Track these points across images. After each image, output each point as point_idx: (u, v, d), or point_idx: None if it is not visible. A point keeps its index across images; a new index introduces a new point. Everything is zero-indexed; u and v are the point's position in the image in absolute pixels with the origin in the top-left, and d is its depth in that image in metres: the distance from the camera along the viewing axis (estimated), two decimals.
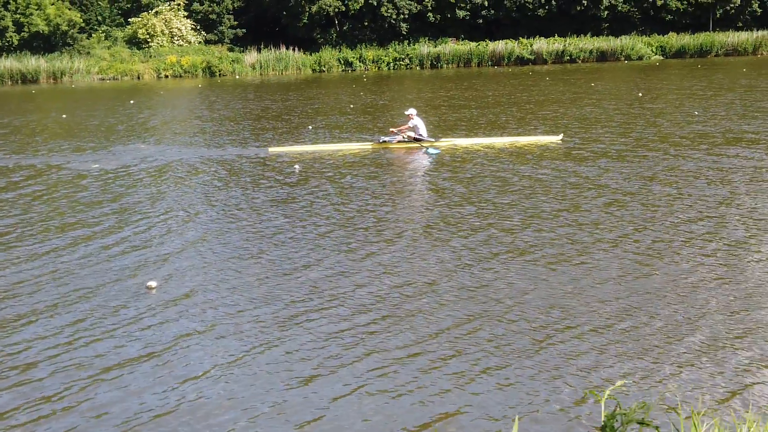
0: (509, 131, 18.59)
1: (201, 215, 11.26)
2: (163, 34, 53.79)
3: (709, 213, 10.23)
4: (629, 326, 6.69)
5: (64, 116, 26.36)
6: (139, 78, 50.05)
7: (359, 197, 11.98)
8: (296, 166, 14.66)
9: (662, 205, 10.78)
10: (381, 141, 17.03)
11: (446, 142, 16.91)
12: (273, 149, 16.92)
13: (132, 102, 31.21)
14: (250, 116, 24.93)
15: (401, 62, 52.90)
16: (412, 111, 17.16)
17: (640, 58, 51.44)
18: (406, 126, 17.01)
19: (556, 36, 53.45)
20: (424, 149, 16.34)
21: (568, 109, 23.22)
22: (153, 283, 7.93)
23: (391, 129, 17.50)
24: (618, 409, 2.56)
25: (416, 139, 16.84)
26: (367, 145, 17.13)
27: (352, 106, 26.85)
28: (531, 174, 13.26)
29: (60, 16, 51.51)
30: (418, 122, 16.98)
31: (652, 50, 52.14)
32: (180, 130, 21.75)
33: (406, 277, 8.10)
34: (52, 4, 52.03)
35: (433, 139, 16.98)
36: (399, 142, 16.88)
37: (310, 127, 20.96)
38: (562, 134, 17.12)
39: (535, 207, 10.90)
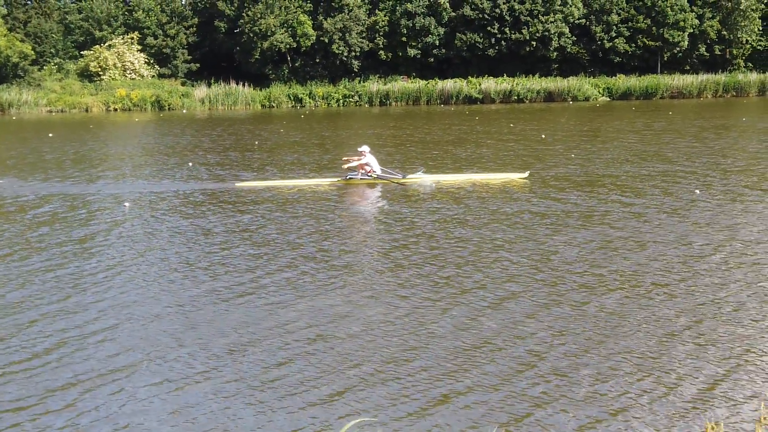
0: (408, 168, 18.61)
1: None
2: (116, 67, 54.03)
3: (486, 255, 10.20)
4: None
5: None
6: (87, 111, 50.14)
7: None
8: (126, 204, 14.61)
9: (458, 247, 10.75)
10: (347, 177, 16.94)
11: (413, 178, 16.89)
12: (240, 184, 16.87)
13: (51, 135, 31.17)
14: (153, 151, 24.95)
15: (350, 99, 53.21)
16: (365, 148, 17.11)
17: (587, 99, 51.97)
18: (357, 159, 16.94)
19: (505, 76, 54.04)
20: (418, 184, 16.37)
21: (462, 149, 23.31)
22: None
23: (344, 158, 17.46)
24: None
25: (377, 177, 16.86)
26: (330, 181, 17.06)
27: (257, 143, 26.93)
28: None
29: (11, 48, 51.66)
30: (370, 159, 16.96)
31: (598, 91, 52.67)
32: (67, 165, 21.64)
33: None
34: (4, 36, 52.22)
35: (400, 175, 16.97)
36: (362, 178, 16.84)
37: (190, 164, 20.95)
38: (528, 172, 17.22)
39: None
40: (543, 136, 26.81)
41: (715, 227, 11.70)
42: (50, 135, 31.21)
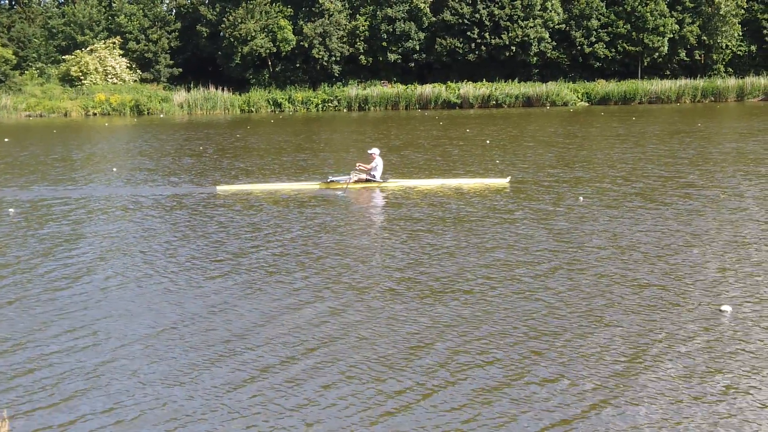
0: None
1: None
2: (97, 72, 54.34)
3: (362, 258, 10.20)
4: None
5: None
6: (66, 115, 50.39)
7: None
8: (10, 210, 14.65)
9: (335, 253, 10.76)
10: (329, 180, 16.85)
11: (394, 183, 16.89)
12: (221, 188, 16.71)
13: (6, 140, 31.36)
14: (95, 156, 25.13)
15: (329, 104, 53.22)
16: (375, 151, 17.09)
17: (565, 104, 51.79)
18: (365, 165, 16.98)
19: (484, 81, 53.95)
20: (342, 191, 16.17)
21: (414, 154, 23.31)
22: None
23: (358, 165, 17.23)
24: None
25: (367, 180, 16.81)
26: (314, 185, 16.95)
27: (202, 148, 27.02)
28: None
29: None
30: (378, 162, 16.94)
31: (578, 96, 52.46)
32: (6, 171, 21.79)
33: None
34: None
35: (381, 180, 16.91)
36: (345, 182, 16.77)
37: (114, 169, 21.04)
38: (510, 177, 17.18)
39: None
40: (488, 141, 26.78)
41: (574, 235, 11.63)
42: (6, 140, 31.41)
